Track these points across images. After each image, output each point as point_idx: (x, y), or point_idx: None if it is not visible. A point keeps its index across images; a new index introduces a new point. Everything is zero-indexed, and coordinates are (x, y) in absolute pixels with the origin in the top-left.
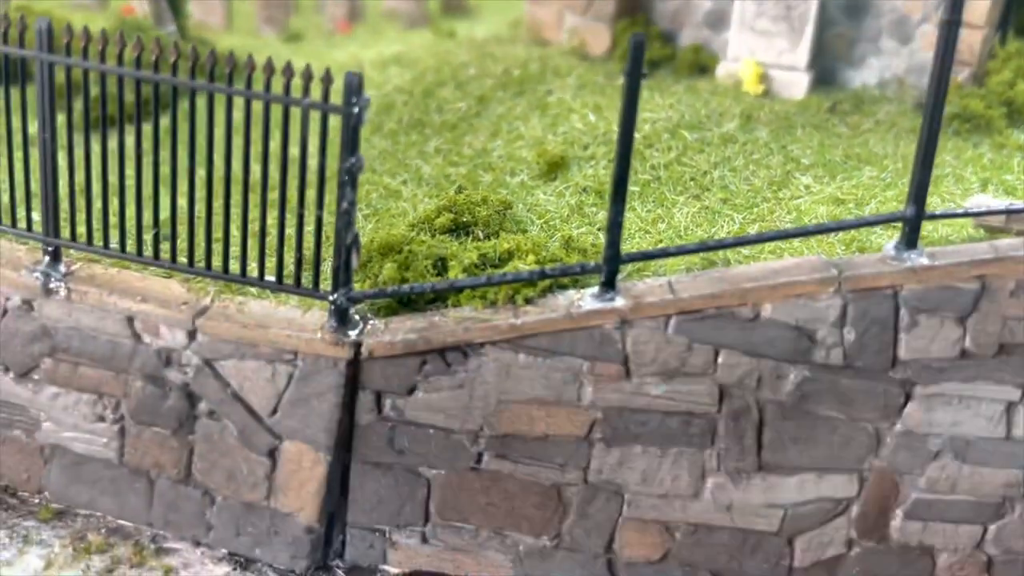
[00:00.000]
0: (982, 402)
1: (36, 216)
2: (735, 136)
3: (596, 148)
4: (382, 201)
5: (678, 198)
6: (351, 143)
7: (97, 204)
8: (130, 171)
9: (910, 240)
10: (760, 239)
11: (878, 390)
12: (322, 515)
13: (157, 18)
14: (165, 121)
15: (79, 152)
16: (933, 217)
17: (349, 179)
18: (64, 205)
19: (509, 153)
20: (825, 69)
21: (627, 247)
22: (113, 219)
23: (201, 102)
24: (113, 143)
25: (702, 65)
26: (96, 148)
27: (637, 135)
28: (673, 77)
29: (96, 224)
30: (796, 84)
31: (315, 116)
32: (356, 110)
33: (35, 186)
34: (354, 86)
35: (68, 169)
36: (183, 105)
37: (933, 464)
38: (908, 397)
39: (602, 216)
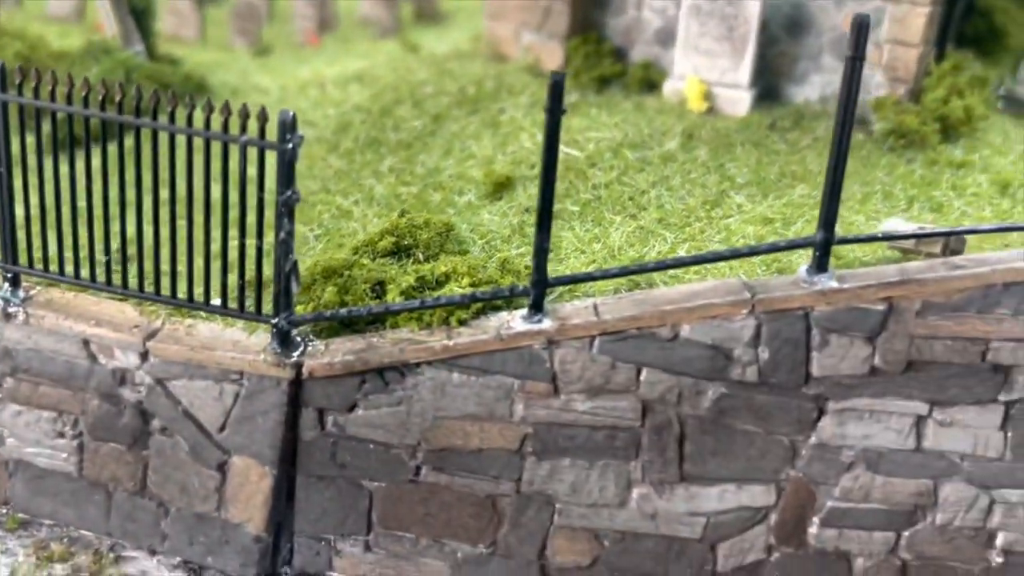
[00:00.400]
0: (892, 416)
1: None
2: (675, 155)
3: (532, 169)
4: (333, 221)
5: (616, 217)
6: (287, 177)
7: (52, 232)
8: (82, 201)
9: (820, 264)
10: (679, 263)
11: (792, 405)
12: (270, 525)
13: (125, 38)
14: (117, 149)
15: (33, 180)
16: (842, 242)
17: (286, 210)
18: (21, 234)
19: (459, 172)
20: (769, 85)
21: (563, 266)
22: (68, 243)
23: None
24: (67, 168)
25: (652, 81)
26: (50, 175)
27: (582, 154)
28: (623, 93)
29: (52, 250)
30: (739, 101)
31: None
32: (290, 146)
33: None
34: (288, 124)
35: (24, 198)
36: (130, 139)
37: (847, 475)
38: (821, 412)
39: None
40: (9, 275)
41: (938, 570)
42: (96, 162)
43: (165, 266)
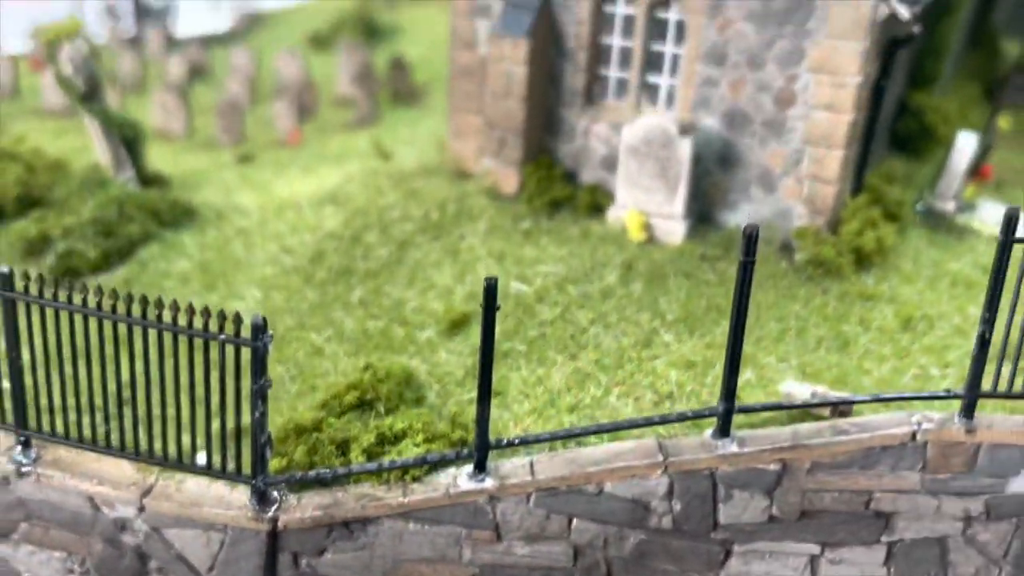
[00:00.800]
0: (789, 556)
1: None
2: (614, 289)
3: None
4: (307, 359)
5: (558, 357)
6: (259, 369)
7: (59, 401)
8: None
9: (724, 430)
10: (601, 430)
11: (702, 549)
12: None
13: (117, 166)
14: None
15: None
16: (742, 411)
17: (259, 395)
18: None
19: (421, 304)
20: (704, 211)
21: (508, 413)
22: (73, 405)
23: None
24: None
25: (598, 205)
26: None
27: (531, 289)
28: (572, 217)
29: (59, 414)
30: (674, 232)
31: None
32: (261, 344)
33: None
34: (260, 326)
35: (32, 371)
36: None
37: None
38: (728, 553)
39: (500, 379)
40: (22, 439)
41: None
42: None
43: (157, 428)
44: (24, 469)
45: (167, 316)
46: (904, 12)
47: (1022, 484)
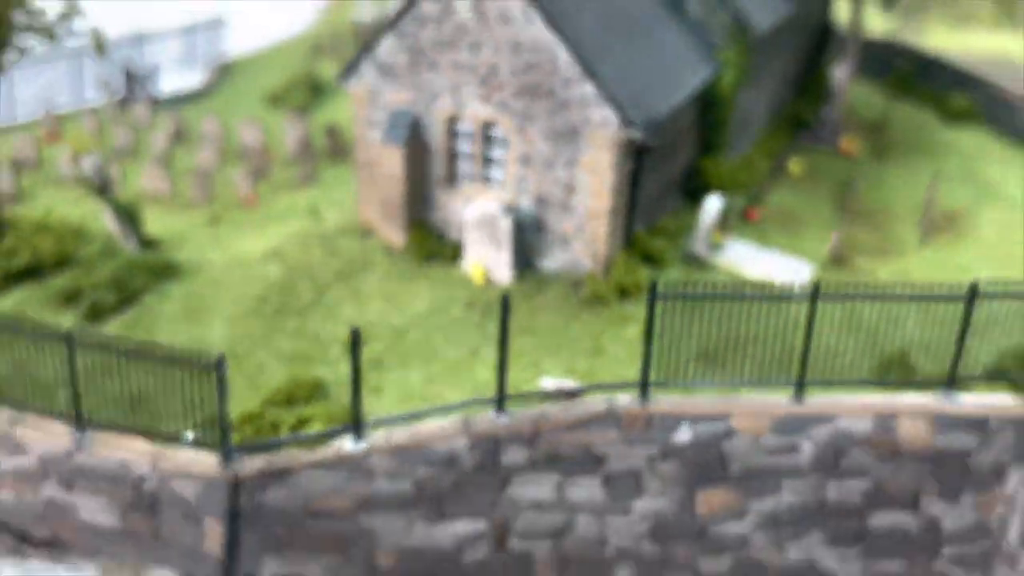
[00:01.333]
0: (544, 483)
1: None
2: (460, 319)
3: (382, 330)
4: (256, 370)
5: (418, 365)
6: (222, 385)
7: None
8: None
9: (499, 408)
10: (425, 413)
11: (492, 480)
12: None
13: (123, 237)
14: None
15: None
16: (509, 398)
17: (222, 398)
18: None
19: (332, 332)
20: (526, 261)
21: (381, 401)
22: None
23: None
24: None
25: (457, 255)
26: None
27: (404, 319)
28: (439, 265)
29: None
30: (504, 277)
31: None
32: (222, 371)
33: None
34: (221, 360)
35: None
36: None
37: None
38: (507, 481)
39: (374, 379)
40: (80, 429)
41: None
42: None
43: (163, 419)
44: (82, 445)
45: (166, 352)
46: (635, 136)
47: (680, 436)
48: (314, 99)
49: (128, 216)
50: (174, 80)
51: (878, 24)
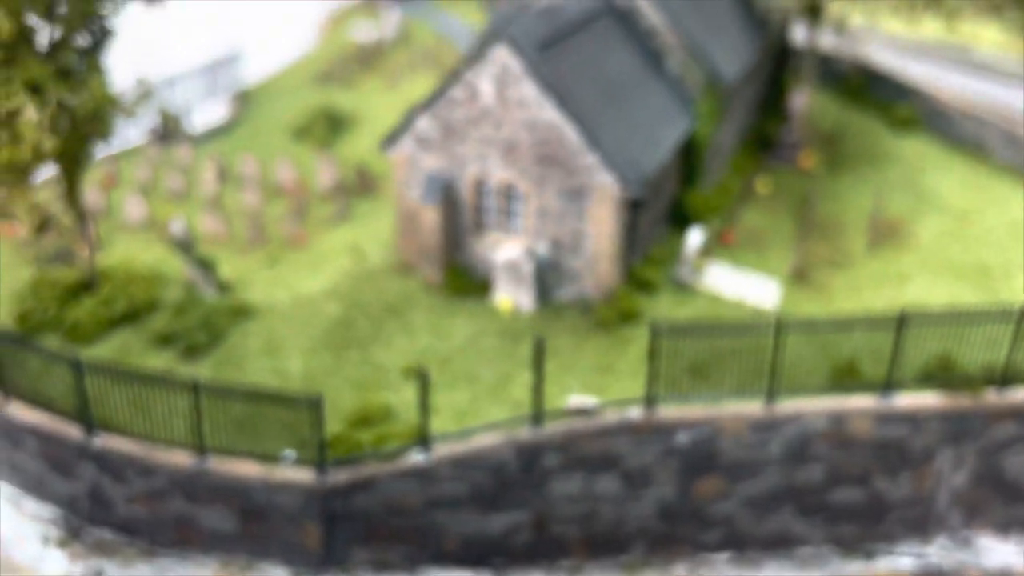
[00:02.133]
0: (574, 479)
1: None
2: (495, 345)
3: (433, 361)
4: (332, 396)
5: (464, 387)
6: (318, 417)
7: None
8: None
9: (536, 422)
10: (477, 429)
11: (534, 479)
12: (323, 546)
13: (203, 284)
14: None
15: None
16: (545, 416)
17: (318, 426)
18: None
19: (391, 361)
20: (545, 293)
21: (437, 419)
22: None
23: None
24: None
25: (487, 290)
26: None
27: (448, 348)
28: (471, 299)
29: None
30: (527, 308)
31: None
32: (318, 406)
33: None
34: (319, 400)
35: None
36: None
37: None
38: (546, 478)
39: (431, 400)
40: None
41: None
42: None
43: (269, 443)
44: (203, 467)
45: (275, 393)
46: (631, 193)
47: (681, 438)
48: (334, 132)
49: (206, 267)
50: (200, 115)
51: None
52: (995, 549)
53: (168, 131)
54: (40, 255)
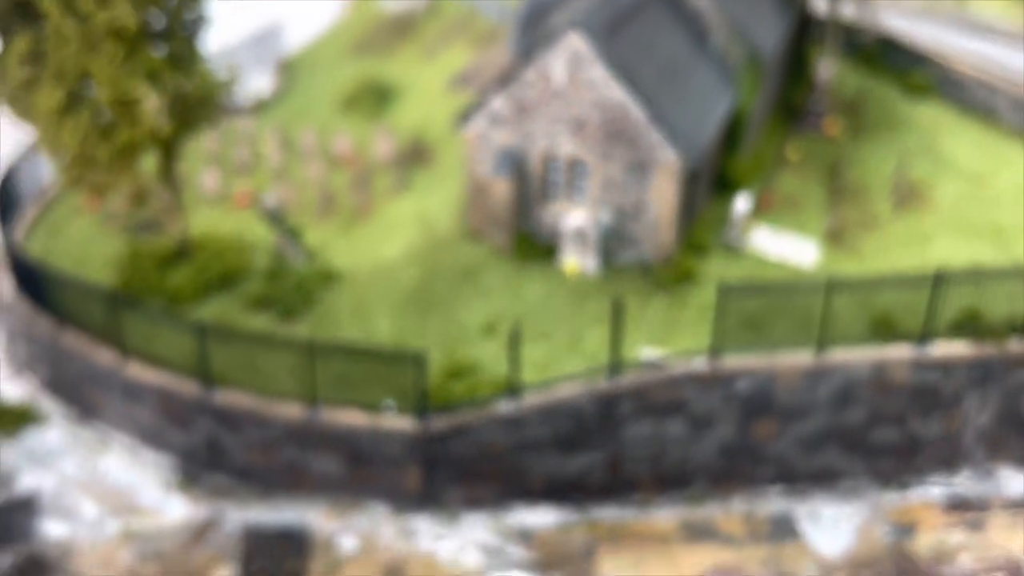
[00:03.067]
0: (646, 424)
1: None
2: (564, 305)
3: (504, 318)
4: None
5: (541, 343)
6: (421, 373)
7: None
8: None
9: (613, 373)
10: (554, 381)
11: (610, 424)
12: (424, 483)
13: (292, 253)
14: None
15: None
16: (622, 367)
17: (421, 380)
18: None
19: (471, 320)
20: (608, 257)
21: (522, 372)
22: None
23: None
24: None
25: (554, 255)
26: None
27: (522, 308)
28: (539, 264)
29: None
30: (592, 270)
31: None
32: (423, 363)
33: None
34: (423, 356)
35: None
36: None
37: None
38: (622, 423)
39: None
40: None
41: None
42: None
43: (376, 393)
44: (314, 418)
45: (382, 351)
46: (690, 165)
47: (741, 386)
48: (381, 103)
49: (294, 236)
50: (248, 87)
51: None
52: (1015, 480)
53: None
54: (128, 224)
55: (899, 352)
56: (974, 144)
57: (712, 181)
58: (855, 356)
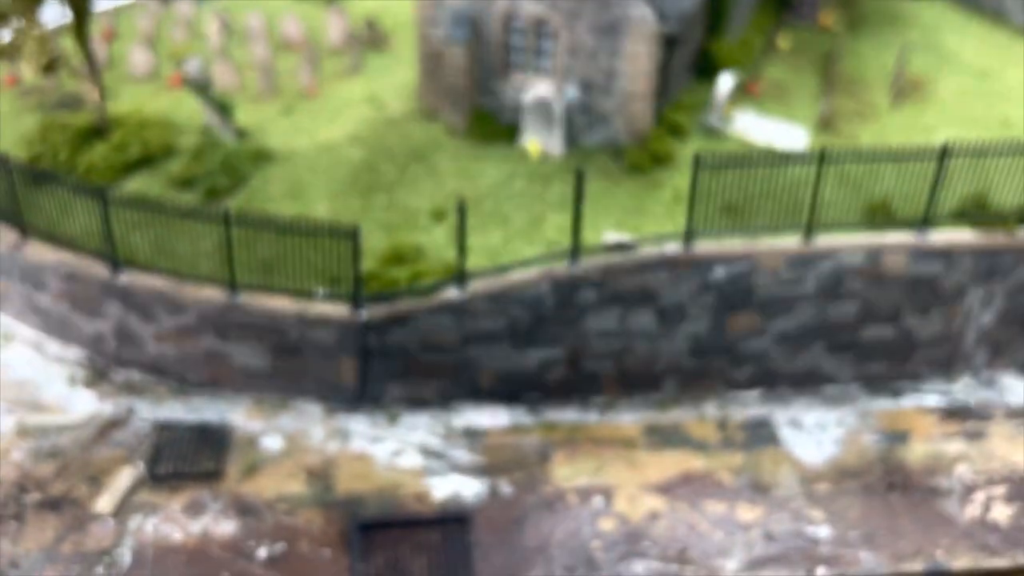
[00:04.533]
0: (607, 314)
1: None
2: (523, 189)
3: (455, 202)
4: (364, 238)
5: (496, 229)
6: (356, 248)
7: (249, 268)
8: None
9: (573, 259)
10: (509, 267)
11: (570, 315)
12: (357, 381)
13: (220, 128)
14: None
15: None
16: (581, 252)
17: (356, 259)
18: None
19: (418, 205)
20: (573, 137)
21: (471, 258)
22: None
23: None
24: None
25: (514, 134)
26: None
27: (477, 191)
28: (498, 144)
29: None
30: (556, 152)
31: None
32: (357, 237)
33: None
34: (357, 229)
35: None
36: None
37: (599, 341)
38: (583, 315)
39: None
40: (233, 290)
41: None
42: None
43: (303, 281)
44: (235, 303)
45: (310, 225)
46: (667, 29)
47: (717, 273)
48: None
49: (224, 110)
50: None
51: None
52: (1017, 388)
53: None
54: (45, 101)
55: (897, 238)
56: (980, 41)
57: (693, 63)
58: (848, 241)
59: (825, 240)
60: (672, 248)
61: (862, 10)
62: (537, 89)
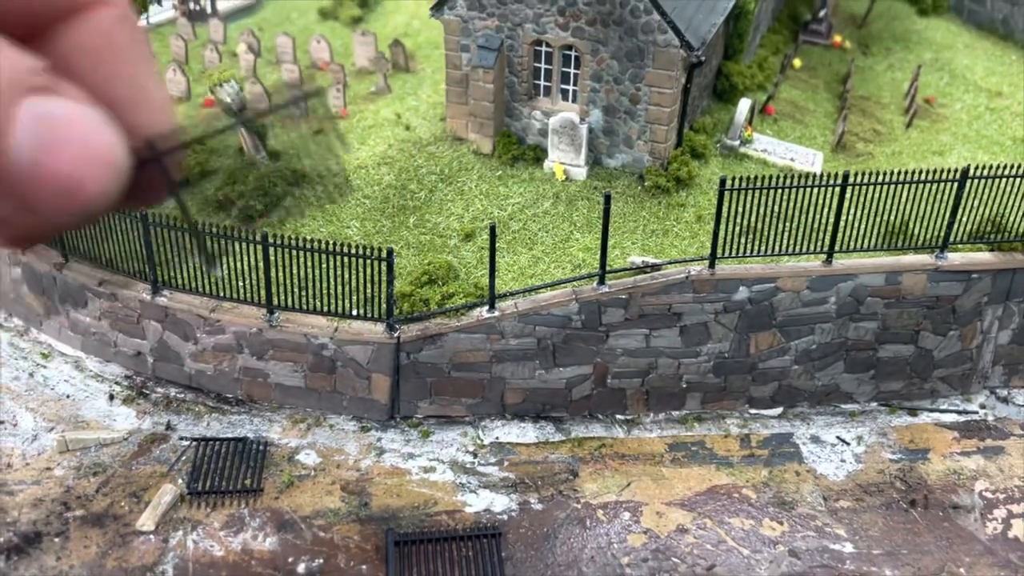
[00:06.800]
0: (634, 335)
1: None
2: (549, 210)
3: (484, 223)
4: (397, 256)
5: (523, 250)
6: (390, 269)
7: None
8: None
9: (601, 281)
10: (542, 287)
11: (595, 335)
12: (390, 399)
13: (255, 149)
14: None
15: None
16: (608, 273)
17: (390, 280)
18: None
19: (447, 225)
20: (597, 159)
21: (500, 280)
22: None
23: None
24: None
25: (538, 157)
26: None
27: (504, 212)
28: (524, 166)
29: (286, 294)
30: (580, 174)
31: None
32: (390, 259)
33: None
34: (391, 251)
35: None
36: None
37: (620, 359)
38: (607, 336)
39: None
40: (271, 311)
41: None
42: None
43: (346, 301)
44: (272, 323)
45: (345, 247)
46: (695, 57)
47: (740, 294)
48: (362, 11)
49: (258, 133)
50: None
51: None
52: None
53: (196, 7)
54: None
55: (915, 259)
56: (990, 61)
57: (711, 85)
58: (868, 264)
59: (845, 261)
60: (696, 269)
61: (874, 30)
62: (563, 113)
